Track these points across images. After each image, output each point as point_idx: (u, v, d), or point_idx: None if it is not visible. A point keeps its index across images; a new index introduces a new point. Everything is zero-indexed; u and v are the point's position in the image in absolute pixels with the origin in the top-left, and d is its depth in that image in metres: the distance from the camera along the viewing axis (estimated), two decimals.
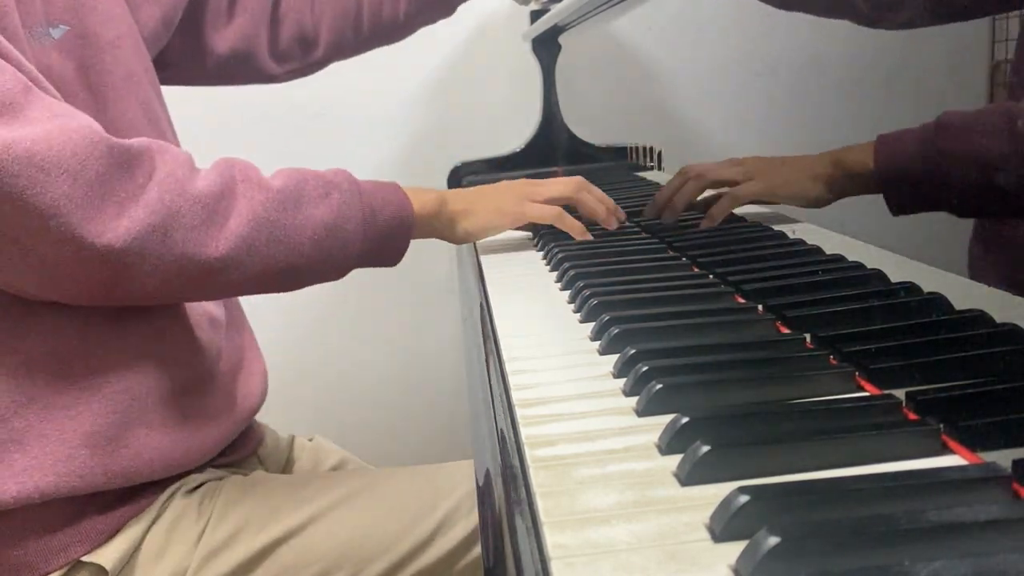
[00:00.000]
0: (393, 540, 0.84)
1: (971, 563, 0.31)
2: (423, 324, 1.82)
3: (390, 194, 0.85)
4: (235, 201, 0.74)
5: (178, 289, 0.74)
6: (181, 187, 0.71)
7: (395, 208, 0.84)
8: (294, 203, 0.77)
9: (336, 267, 0.82)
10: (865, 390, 0.50)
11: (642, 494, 0.40)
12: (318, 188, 0.80)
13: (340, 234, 0.80)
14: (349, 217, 0.80)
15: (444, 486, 0.89)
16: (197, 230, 0.71)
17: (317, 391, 1.82)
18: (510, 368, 0.59)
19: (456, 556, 0.86)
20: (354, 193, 0.82)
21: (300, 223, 0.77)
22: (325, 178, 0.81)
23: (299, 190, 0.78)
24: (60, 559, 0.77)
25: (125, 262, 0.68)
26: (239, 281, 0.76)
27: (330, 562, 0.83)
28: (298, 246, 0.77)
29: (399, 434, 1.84)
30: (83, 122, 0.67)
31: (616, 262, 0.83)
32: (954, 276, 0.51)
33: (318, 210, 0.79)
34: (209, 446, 0.86)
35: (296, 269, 0.78)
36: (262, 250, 0.75)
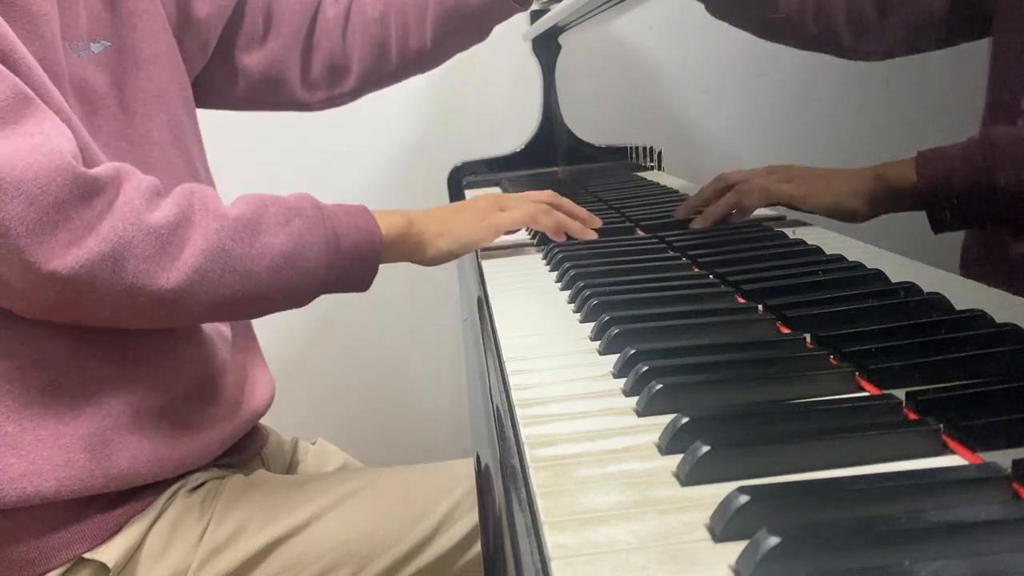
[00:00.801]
0: (395, 538, 0.85)
1: (971, 563, 0.31)
2: (423, 325, 1.82)
3: (356, 218, 0.83)
4: (190, 231, 0.73)
5: (130, 317, 0.74)
6: (136, 217, 0.70)
7: (361, 234, 0.82)
8: (251, 232, 0.76)
9: (298, 295, 0.81)
10: (865, 390, 0.50)
11: (642, 494, 0.40)
12: (278, 215, 0.78)
13: (300, 262, 0.78)
14: (310, 244, 0.79)
15: (445, 484, 0.89)
16: (149, 261, 0.70)
17: (319, 394, 1.82)
18: (510, 368, 0.59)
19: (457, 553, 0.86)
20: (317, 219, 0.80)
21: (257, 252, 0.76)
22: (287, 204, 0.80)
23: (257, 218, 0.77)
24: (62, 556, 0.77)
25: (73, 289, 0.68)
26: (192, 310, 0.75)
27: (332, 560, 0.83)
28: (254, 275, 0.76)
29: (400, 435, 1.84)
30: (58, 147, 0.67)
31: (616, 262, 0.83)
32: (954, 276, 0.51)
33: (277, 238, 0.77)
34: (211, 449, 0.86)
35: (254, 298, 0.77)
36: (215, 280, 0.74)
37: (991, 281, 0.48)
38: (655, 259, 0.84)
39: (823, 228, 0.73)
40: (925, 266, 0.54)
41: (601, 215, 1.07)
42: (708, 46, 0.92)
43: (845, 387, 0.50)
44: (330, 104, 1.13)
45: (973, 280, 0.49)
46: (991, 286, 0.48)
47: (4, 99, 0.67)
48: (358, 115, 1.73)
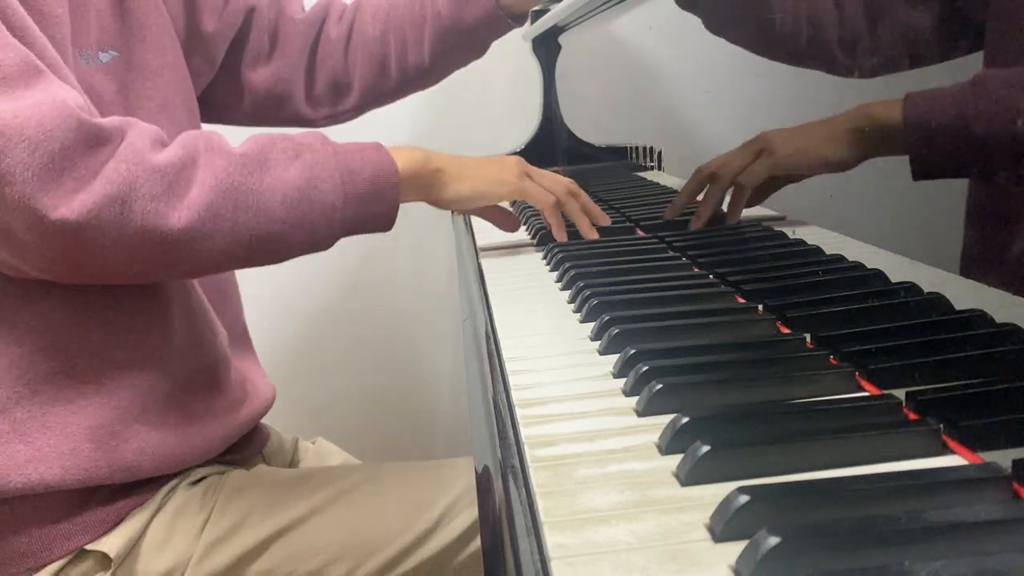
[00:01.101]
0: (395, 532, 0.85)
1: (971, 563, 0.31)
2: (423, 324, 1.82)
3: (370, 153, 0.81)
4: (196, 170, 0.72)
5: (146, 263, 0.72)
6: (140, 158, 0.69)
7: (375, 167, 0.80)
8: (260, 166, 0.75)
9: (320, 233, 0.79)
10: (865, 390, 0.50)
11: (642, 494, 0.40)
12: (287, 150, 0.77)
13: (316, 196, 0.77)
14: (324, 178, 0.77)
15: (445, 479, 0.89)
16: (157, 200, 0.69)
17: (319, 394, 1.82)
18: (510, 368, 0.59)
19: (457, 548, 0.86)
20: (327, 153, 0.79)
21: (269, 186, 0.74)
22: (295, 139, 0.78)
23: (265, 153, 0.76)
24: (64, 547, 0.78)
25: (83, 235, 0.67)
26: (211, 252, 0.73)
27: (332, 554, 0.84)
28: (269, 211, 0.74)
29: (400, 435, 1.84)
30: (61, 96, 0.67)
31: (616, 262, 0.83)
32: (954, 276, 0.51)
33: (289, 171, 0.76)
34: (214, 443, 0.87)
35: (272, 236, 0.75)
36: (229, 217, 0.73)
37: (991, 281, 0.48)
38: (655, 259, 0.84)
39: (823, 228, 0.73)
40: (925, 266, 0.55)
41: None
42: (708, 46, 0.92)
43: (845, 387, 0.50)
44: (332, 121, 1.14)
45: (973, 280, 0.49)
46: (991, 286, 0.48)
47: (14, 66, 0.67)
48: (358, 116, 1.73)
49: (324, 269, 1.76)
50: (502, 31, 1.09)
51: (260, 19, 1.05)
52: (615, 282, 0.75)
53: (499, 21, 1.07)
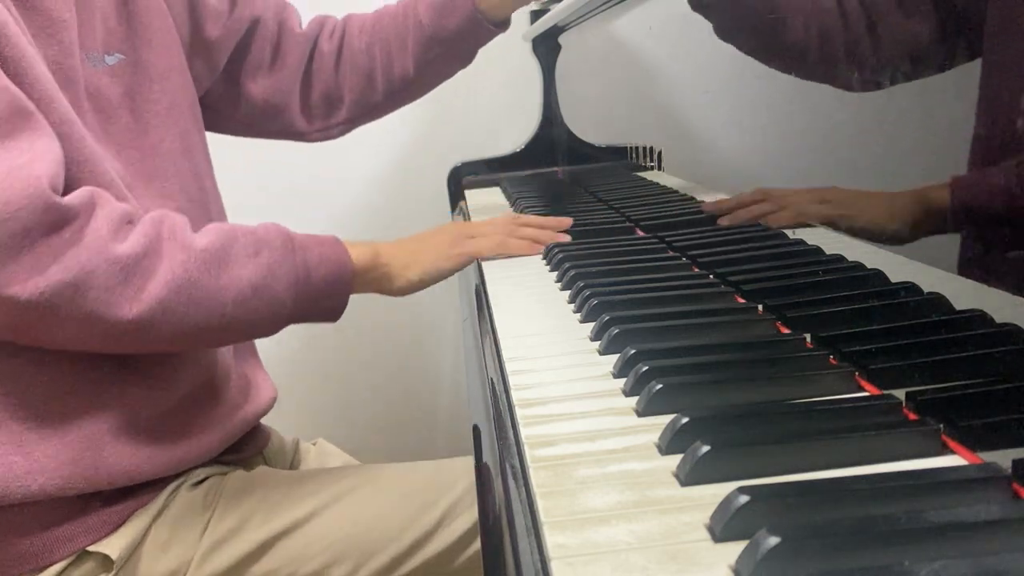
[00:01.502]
0: (396, 533, 0.85)
1: (971, 563, 0.31)
2: (423, 325, 1.82)
3: (327, 249, 0.82)
4: (156, 262, 0.72)
5: (91, 343, 0.74)
6: (102, 246, 0.69)
7: (332, 265, 0.82)
8: (218, 263, 0.75)
9: (265, 327, 0.81)
10: (865, 390, 0.50)
11: (642, 494, 0.40)
12: (247, 247, 0.78)
13: (268, 294, 0.78)
14: (280, 276, 0.79)
15: (446, 480, 0.89)
16: (111, 291, 0.70)
17: (319, 395, 1.82)
18: (510, 368, 0.59)
19: (458, 549, 0.86)
20: (287, 251, 0.80)
21: (224, 284, 0.75)
22: (256, 235, 0.79)
23: (226, 249, 0.76)
24: (66, 549, 0.78)
25: (32, 314, 0.68)
26: (155, 340, 0.74)
27: (334, 554, 0.84)
28: (220, 307, 0.75)
29: (400, 435, 1.84)
30: (39, 171, 0.67)
31: (616, 262, 0.83)
32: (954, 276, 0.51)
33: (245, 269, 0.77)
34: (212, 447, 0.87)
35: (219, 329, 0.77)
36: (180, 312, 0.73)
37: (990, 281, 0.48)
38: (655, 259, 0.84)
39: (823, 228, 0.73)
40: (925, 266, 0.54)
41: (601, 215, 1.08)
42: (708, 46, 0.92)
43: (845, 387, 0.50)
44: (324, 136, 1.15)
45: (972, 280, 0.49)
46: (991, 286, 0.48)
47: (0, 112, 0.67)
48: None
49: None
50: (485, 38, 1.10)
51: (263, 31, 1.06)
52: (615, 282, 0.75)
53: (480, 28, 1.07)
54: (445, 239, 0.92)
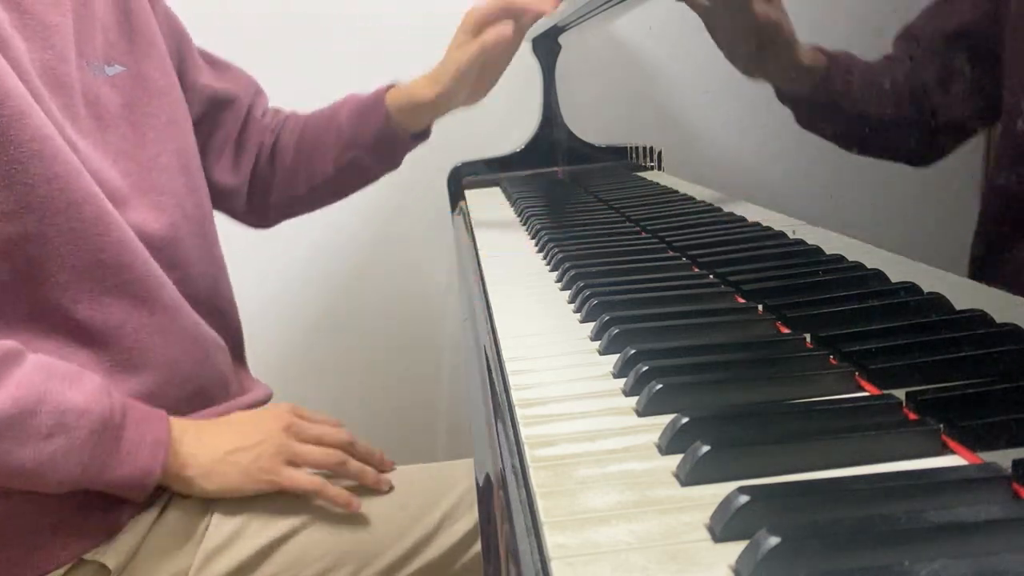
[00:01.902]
0: (395, 537, 0.85)
1: (971, 563, 0.31)
2: (423, 325, 1.82)
3: (142, 459, 0.76)
4: None
5: None
6: None
7: (133, 470, 0.76)
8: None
9: (18, 489, 0.75)
10: (865, 390, 0.50)
11: (642, 494, 0.40)
12: (43, 427, 0.71)
13: (34, 479, 0.72)
14: (60, 468, 0.72)
15: (445, 483, 0.89)
16: None
17: (317, 395, 1.81)
18: (510, 368, 0.59)
19: (458, 552, 0.86)
20: (86, 445, 0.73)
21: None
22: (64, 417, 0.72)
23: (11, 422, 0.69)
24: (62, 557, 0.78)
25: None
26: None
27: (333, 559, 0.83)
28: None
29: (399, 436, 1.84)
30: None
31: (616, 262, 0.83)
32: (954, 276, 0.51)
33: (24, 451, 0.70)
34: None
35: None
36: None
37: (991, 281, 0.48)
38: (655, 259, 0.84)
39: (823, 228, 0.73)
40: (925, 266, 0.54)
41: (601, 215, 1.08)
42: (708, 46, 0.92)
43: (845, 387, 0.50)
44: (259, 222, 1.17)
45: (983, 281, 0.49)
46: (991, 286, 0.48)
47: None
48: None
49: (322, 270, 1.76)
50: (402, 148, 1.13)
51: (236, 110, 1.09)
52: (615, 282, 0.75)
53: (396, 138, 1.10)
54: (261, 454, 0.83)
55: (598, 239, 0.95)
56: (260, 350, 1.05)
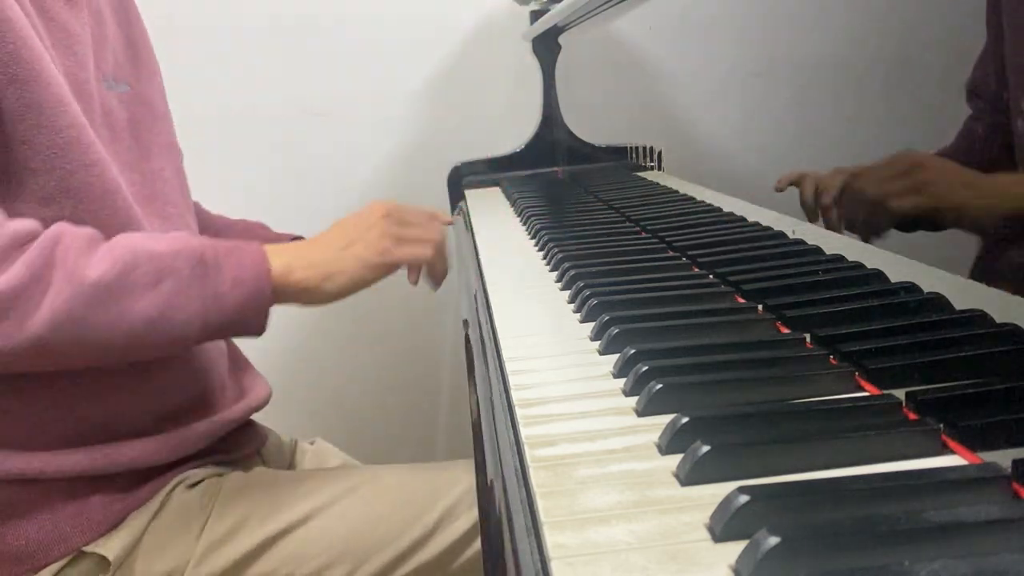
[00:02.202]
0: (394, 534, 0.85)
1: (971, 563, 0.31)
2: (423, 325, 1.82)
3: (246, 272, 0.77)
4: (39, 296, 0.69)
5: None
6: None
7: (247, 288, 0.77)
8: (109, 297, 0.71)
9: (168, 350, 0.78)
10: (865, 390, 0.50)
11: (642, 494, 0.40)
12: (147, 275, 0.73)
13: (166, 326, 0.74)
14: (181, 306, 0.74)
15: (444, 482, 0.89)
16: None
17: (317, 395, 1.82)
18: (510, 368, 0.59)
19: (457, 551, 0.86)
20: (194, 279, 0.75)
21: (114, 319, 0.71)
22: (161, 261, 0.74)
23: (121, 280, 0.72)
24: (61, 549, 0.78)
25: None
26: (34, 367, 0.74)
27: (331, 556, 0.84)
28: (107, 343, 0.72)
29: (399, 436, 1.84)
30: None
31: (616, 262, 0.83)
32: (954, 276, 0.51)
33: (141, 302, 0.72)
34: (214, 429, 0.89)
35: (105, 358, 0.75)
36: (61, 348, 0.71)
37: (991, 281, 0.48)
38: (655, 259, 0.84)
39: (823, 228, 0.73)
40: (925, 266, 0.54)
41: (601, 215, 1.08)
42: (708, 46, 0.92)
43: (845, 387, 0.50)
44: None
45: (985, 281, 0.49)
46: (991, 286, 0.48)
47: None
48: (358, 115, 1.73)
49: None
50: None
51: None
52: (615, 282, 0.75)
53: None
54: (371, 243, 0.84)
55: (598, 239, 0.95)
56: (259, 350, 1.05)
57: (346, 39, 1.70)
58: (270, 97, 1.66)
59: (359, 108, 1.73)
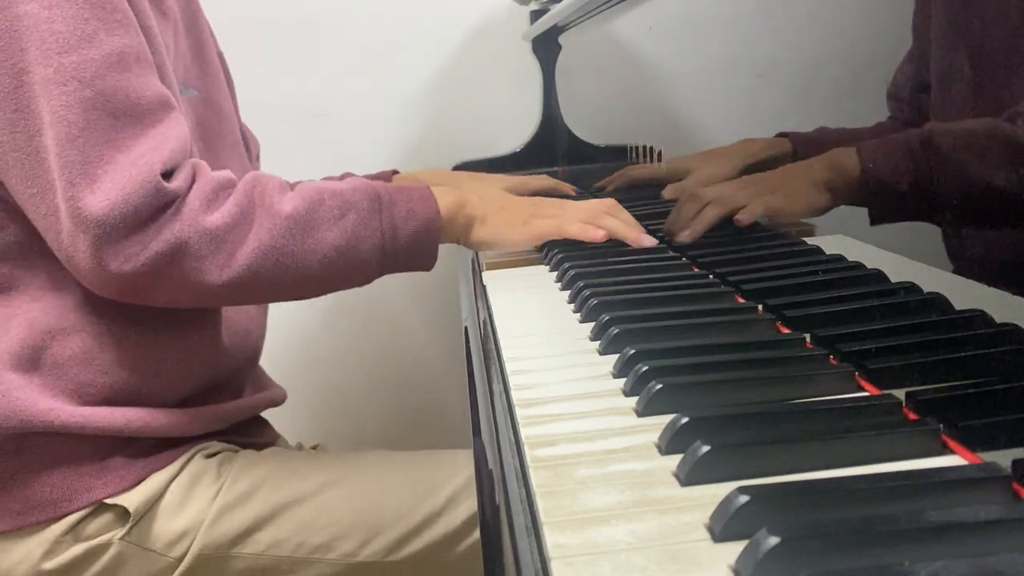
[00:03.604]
0: (404, 511, 0.87)
1: (971, 563, 0.31)
2: (423, 325, 1.82)
3: (417, 205, 0.85)
4: (246, 232, 0.78)
5: (189, 303, 0.81)
6: (195, 219, 0.75)
7: (419, 222, 0.84)
8: (304, 228, 0.79)
9: (353, 280, 0.85)
10: (865, 390, 0.50)
11: (642, 494, 0.40)
12: (333, 209, 0.81)
13: (354, 255, 0.82)
14: (365, 237, 0.82)
15: (453, 466, 0.92)
16: (203, 260, 0.76)
17: (319, 397, 1.82)
18: (510, 368, 0.59)
19: (463, 533, 0.88)
20: (373, 212, 0.83)
21: (310, 247, 0.79)
22: (343, 197, 0.82)
23: (312, 213, 0.80)
24: (84, 498, 0.82)
25: (138, 283, 0.75)
26: (247, 299, 0.83)
27: (341, 527, 0.86)
28: (306, 268, 0.80)
29: (401, 436, 1.84)
30: (155, 159, 0.74)
31: (616, 262, 0.83)
32: (954, 276, 0.51)
33: (331, 233, 0.80)
34: (228, 413, 0.92)
35: (307, 287, 0.83)
36: (268, 276, 0.79)
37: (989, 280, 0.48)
38: (655, 259, 0.84)
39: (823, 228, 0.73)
40: (925, 266, 0.54)
41: None
42: (708, 46, 0.92)
43: (845, 387, 0.50)
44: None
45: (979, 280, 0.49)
46: (991, 286, 0.48)
47: (149, 102, 0.76)
48: (359, 115, 1.73)
49: None
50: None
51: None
52: (615, 282, 0.75)
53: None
54: (525, 208, 0.92)
55: (599, 240, 0.94)
56: (269, 348, 1.06)
57: (346, 39, 1.70)
58: (270, 98, 1.66)
59: (359, 108, 1.73)
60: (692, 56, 0.98)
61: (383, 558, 0.86)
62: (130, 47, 0.76)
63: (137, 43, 0.77)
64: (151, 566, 0.83)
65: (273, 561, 0.85)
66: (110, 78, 0.74)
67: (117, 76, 0.75)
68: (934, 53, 0.46)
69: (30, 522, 0.81)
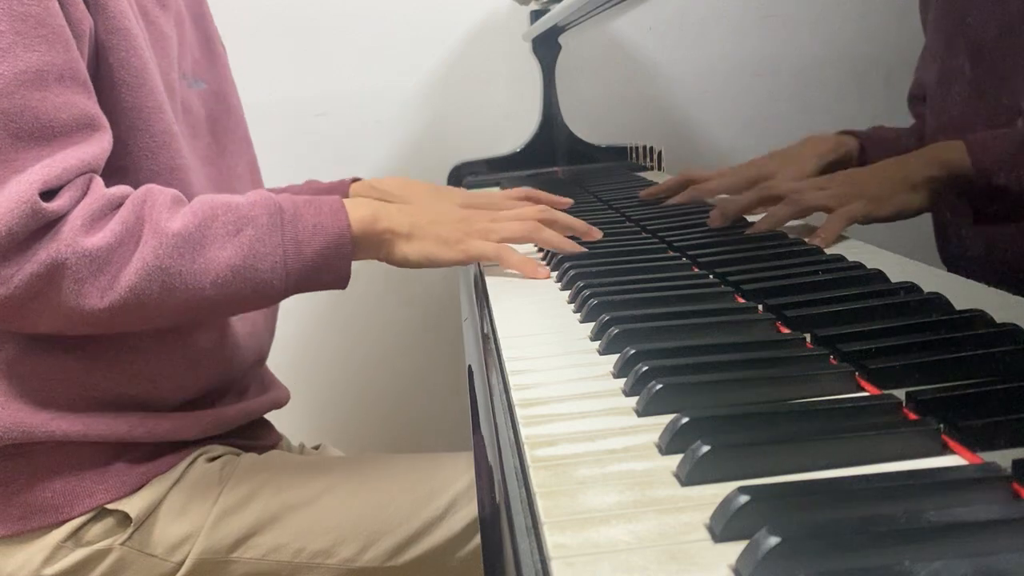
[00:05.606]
0: (405, 517, 0.87)
1: (971, 563, 0.31)
2: (423, 325, 1.82)
3: (325, 219, 0.79)
4: (131, 252, 0.73)
5: (70, 329, 0.77)
6: (73, 240, 0.71)
7: (327, 237, 0.79)
8: (193, 247, 0.75)
9: (256, 302, 0.80)
10: (865, 390, 0.50)
11: (642, 494, 0.40)
12: (227, 225, 0.76)
13: (252, 274, 0.76)
14: (264, 255, 0.77)
15: (453, 471, 0.92)
16: (84, 283, 0.72)
17: (320, 399, 1.82)
18: (510, 368, 0.59)
19: (464, 538, 0.88)
20: (274, 227, 0.77)
21: (200, 268, 0.75)
22: (239, 211, 0.77)
23: (203, 230, 0.75)
24: (85, 504, 0.82)
25: (13, 306, 0.72)
26: (135, 324, 0.77)
27: (342, 533, 0.85)
28: (198, 291, 0.75)
29: (399, 436, 1.84)
30: (35, 178, 0.70)
31: (616, 262, 0.83)
32: (954, 276, 0.51)
33: (224, 251, 0.75)
34: (230, 417, 0.92)
35: (201, 309, 0.77)
36: (154, 299, 0.74)
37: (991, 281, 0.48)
38: (655, 259, 0.84)
39: None
40: (925, 266, 0.54)
41: (601, 215, 1.07)
42: (708, 46, 0.92)
43: (845, 387, 0.50)
44: None
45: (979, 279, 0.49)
46: (991, 286, 0.48)
47: (62, 123, 0.73)
48: (359, 115, 1.73)
49: None
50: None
51: None
52: (615, 282, 0.75)
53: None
54: (457, 223, 0.85)
55: (597, 239, 0.94)
56: (272, 349, 1.06)
57: (346, 39, 1.70)
58: (271, 98, 1.66)
59: (359, 108, 1.73)
60: (692, 56, 0.98)
61: (383, 564, 0.85)
62: (51, 64, 0.72)
63: (63, 60, 0.73)
64: (151, 571, 0.83)
65: (273, 566, 0.85)
66: (19, 95, 0.71)
67: (28, 94, 0.71)
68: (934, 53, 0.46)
69: (31, 527, 0.81)
